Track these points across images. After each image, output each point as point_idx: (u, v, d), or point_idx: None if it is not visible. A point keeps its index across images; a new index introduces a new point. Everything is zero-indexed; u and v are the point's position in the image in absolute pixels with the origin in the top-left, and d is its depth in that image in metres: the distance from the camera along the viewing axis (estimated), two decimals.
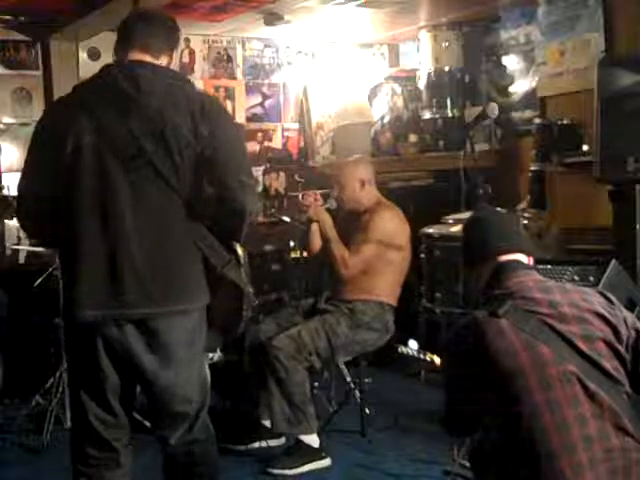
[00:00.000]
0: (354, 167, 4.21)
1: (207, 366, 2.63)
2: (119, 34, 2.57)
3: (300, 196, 4.33)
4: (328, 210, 4.12)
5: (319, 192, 4.21)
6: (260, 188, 6.35)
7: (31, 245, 5.23)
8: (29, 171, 2.51)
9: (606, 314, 2.07)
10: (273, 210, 6.37)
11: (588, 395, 1.98)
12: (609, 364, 2.02)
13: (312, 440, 3.83)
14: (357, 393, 4.22)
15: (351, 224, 4.11)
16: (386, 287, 4.09)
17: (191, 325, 2.47)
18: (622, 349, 2.05)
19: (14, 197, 4.22)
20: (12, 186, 5.55)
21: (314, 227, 4.17)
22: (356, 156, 4.53)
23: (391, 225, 4.07)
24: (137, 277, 2.37)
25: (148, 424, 2.75)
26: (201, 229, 2.47)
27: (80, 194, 2.39)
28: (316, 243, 4.23)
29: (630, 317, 2.11)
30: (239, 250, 2.62)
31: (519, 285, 2.13)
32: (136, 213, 2.37)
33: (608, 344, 2.03)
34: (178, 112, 2.39)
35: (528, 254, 2.26)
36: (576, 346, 2.01)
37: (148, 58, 2.50)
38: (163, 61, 2.54)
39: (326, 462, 3.84)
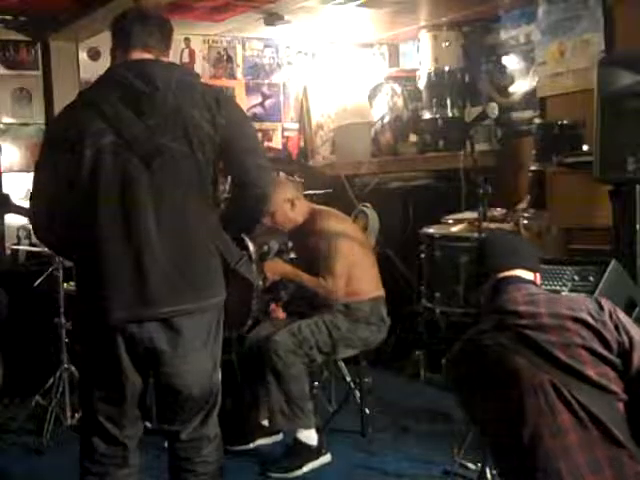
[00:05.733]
0: (277, 191, 3.98)
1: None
2: (116, 35, 2.52)
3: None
4: (274, 251, 4.19)
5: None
6: None
7: (31, 245, 5.24)
8: (44, 182, 2.43)
9: (589, 319, 2.03)
10: None
11: (566, 404, 1.96)
12: (593, 371, 1.99)
13: (310, 437, 3.81)
14: (357, 393, 4.21)
15: (303, 241, 4.13)
16: (369, 283, 4.08)
17: (209, 319, 2.47)
18: (609, 354, 2.00)
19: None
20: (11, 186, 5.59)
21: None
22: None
23: (341, 230, 4.04)
24: (163, 277, 2.36)
25: (149, 425, 2.75)
26: (218, 226, 2.50)
27: (101, 196, 2.35)
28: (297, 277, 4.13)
29: (626, 322, 2.06)
30: (251, 246, 2.65)
31: (508, 300, 2.16)
32: (159, 212, 2.35)
33: (590, 350, 2.00)
34: (196, 106, 2.39)
35: (532, 270, 2.28)
36: (553, 355, 2.01)
37: (150, 57, 2.47)
38: (163, 59, 2.52)
39: (326, 458, 3.83)
